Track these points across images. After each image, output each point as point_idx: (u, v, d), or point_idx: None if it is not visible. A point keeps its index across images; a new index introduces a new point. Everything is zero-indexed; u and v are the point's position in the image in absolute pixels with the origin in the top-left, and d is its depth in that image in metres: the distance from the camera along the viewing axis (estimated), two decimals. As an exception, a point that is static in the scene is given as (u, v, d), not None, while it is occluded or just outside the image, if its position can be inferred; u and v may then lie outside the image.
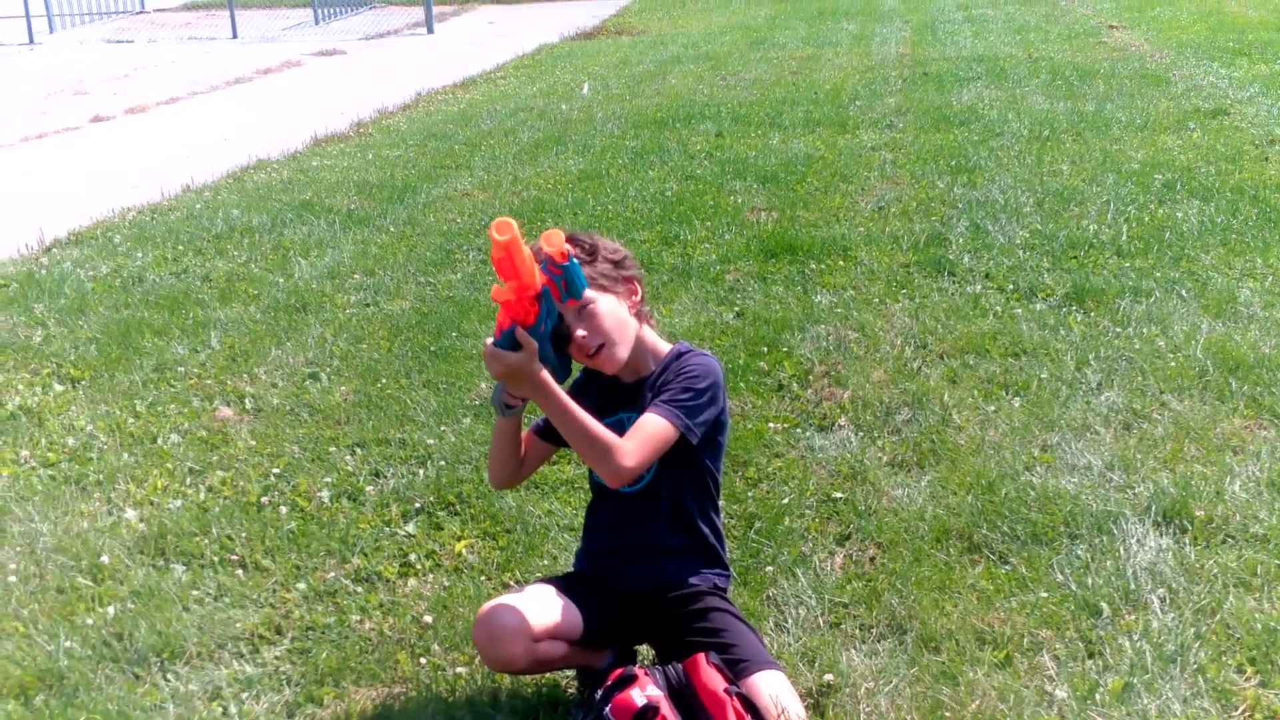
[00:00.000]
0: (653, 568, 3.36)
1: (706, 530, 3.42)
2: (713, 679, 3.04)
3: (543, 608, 3.20)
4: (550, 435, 3.36)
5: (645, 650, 3.51)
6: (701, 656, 3.10)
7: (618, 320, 3.27)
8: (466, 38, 20.83)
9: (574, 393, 3.25)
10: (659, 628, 3.34)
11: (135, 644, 3.63)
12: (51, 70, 17.94)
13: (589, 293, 3.19)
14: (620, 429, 3.17)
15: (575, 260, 3.08)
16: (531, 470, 3.56)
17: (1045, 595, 3.67)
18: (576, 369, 3.34)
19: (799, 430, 4.90)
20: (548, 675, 3.41)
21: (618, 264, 3.36)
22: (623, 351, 3.28)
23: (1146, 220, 7.45)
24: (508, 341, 3.00)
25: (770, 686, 3.06)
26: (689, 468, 3.35)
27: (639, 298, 3.37)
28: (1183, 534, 3.98)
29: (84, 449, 5.01)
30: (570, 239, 3.18)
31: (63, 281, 7.24)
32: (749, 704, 3.03)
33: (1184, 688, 3.23)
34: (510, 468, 3.43)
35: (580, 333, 3.21)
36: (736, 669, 3.10)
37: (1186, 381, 5.11)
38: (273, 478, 4.69)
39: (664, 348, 3.41)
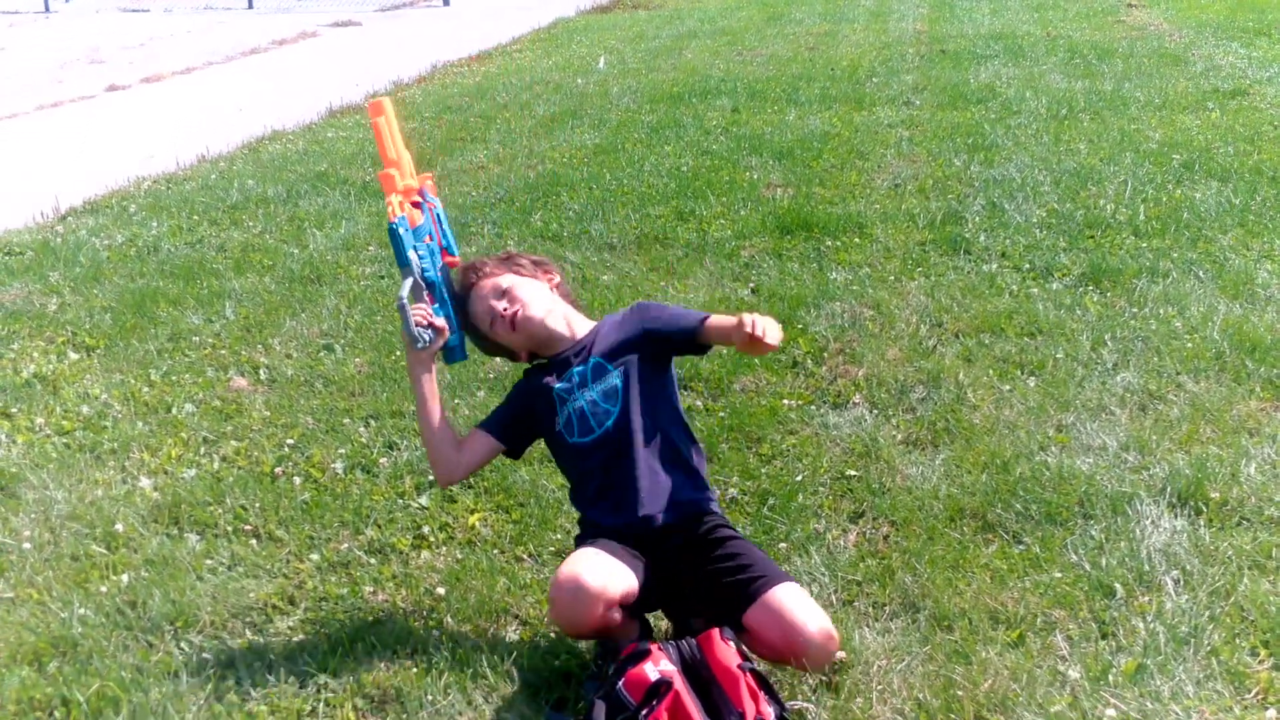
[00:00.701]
0: (674, 499, 3.49)
1: (694, 456, 3.63)
2: (726, 654, 3.05)
3: (618, 573, 3.28)
4: (506, 439, 3.70)
5: (658, 623, 3.51)
6: (715, 631, 3.11)
7: (536, 292, 3.69)
8: (482, 10, 20.77)
9: (519, 386, 3.73)
10: (686, 564, 3.41)
11: (149, 612, 3.64)
12: (67, 39, 17.93)
13: (503, 280, 3.68)
14: (598, 375, 3.56)
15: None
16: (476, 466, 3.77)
17: (1059, 575, 3.66)
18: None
19: (813, 407, 4.89)
20: (561, 649, 3.41)
21: (534, 262, 3.82)
22: (539, 309, 3.64)
23: (1164, 200, 7.42)
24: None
25: (790, 597, 3.22)
26: (658, 396, 3.59)
27: (556, 281, 3.80)
28: (1198, 516, 3.96)
29: (99, 417, 5.02)
30: (476, 263, 3.80)
31: (78, 250, 7.24)
32: (762, 679, 3.04)
33: (1197, 670, 3.22)
34: (446, 449, 3.65)
35: (500, 305, 3.61)
36: (756, 584, 3.25)
37: (1203, 363, 5.09)
38: (287, 448, 4.70)
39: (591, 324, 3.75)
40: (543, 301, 3.67)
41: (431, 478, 4.40)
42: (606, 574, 3.23)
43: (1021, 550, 3.82)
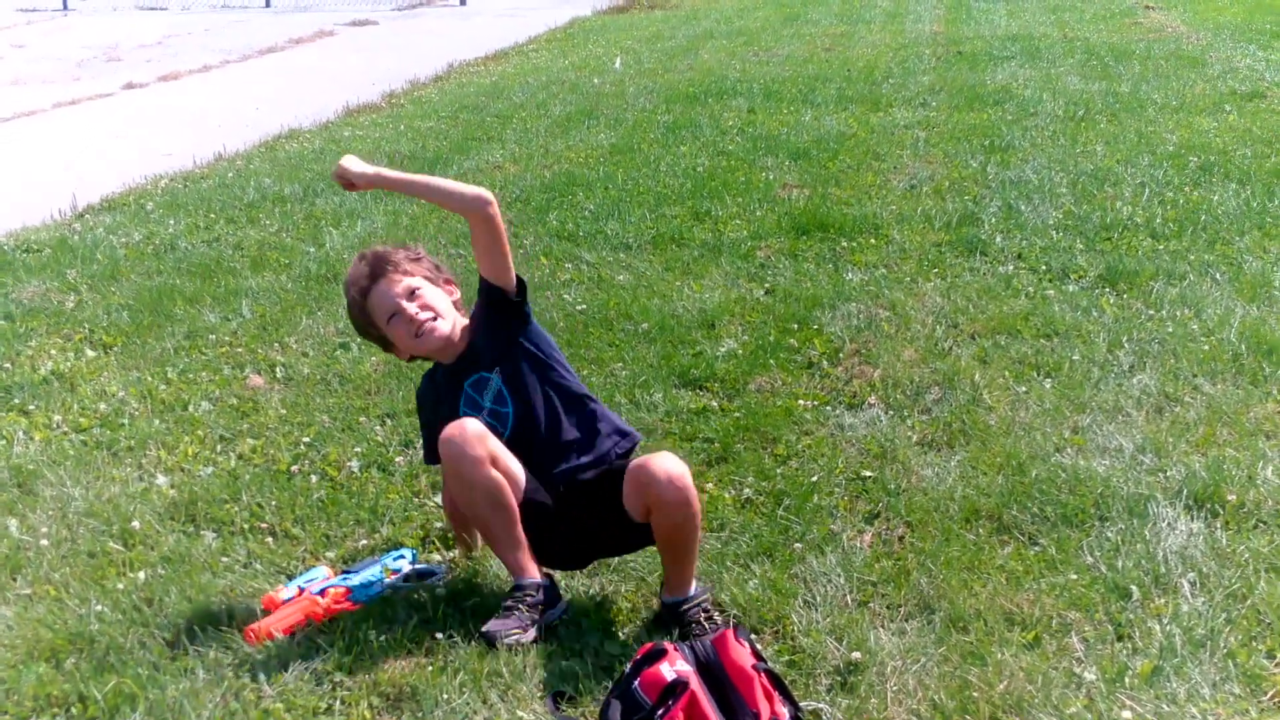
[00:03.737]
0: (578, 476, 3.67)
1: (589, 418, 3.75)
2: (741, 654, 3.05)
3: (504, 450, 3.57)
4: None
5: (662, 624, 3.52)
6: (729, 632, 3.12)
7: (443, 304, 3.76)
8: (498, 10, 20.80)
9: (422, 398, 3.94)
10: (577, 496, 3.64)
11: (166, 609, 3.65)
12: (85, 37, 17.98)
13: (414, 280, 3.74)
14: (481, 386, 3.71)
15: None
16: None
17: (1075, 577, 3.65)
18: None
19: (829, 408, 4.89)
20: (573, 648, 3.42)
21: (437, 267, 3.91)
22: (446, 326, 3.72)
23: (1181, 203, 7.41)
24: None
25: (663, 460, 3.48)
26: (539, 381, 3.72)
27: (456, 297, 3.86)
28: (1214, 518, 3.96)
29: (115, 415, 5.03)
30: (385, 253, 3.86)
31: (95, 248, 7.26)
32: (776, 679, 3.04)
33: (1213, 672, 3.22)
34: None
35: (420, 316, 3.68)
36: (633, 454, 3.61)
37: (1220, 365, 5.08)
38: (303, 446, 4.71)
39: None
40: (449, 316, 3.77)
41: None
42: (490, 433, 3.54)
43: (1037, 552, 3.81)
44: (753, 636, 3.32)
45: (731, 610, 3.58)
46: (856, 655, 3.31)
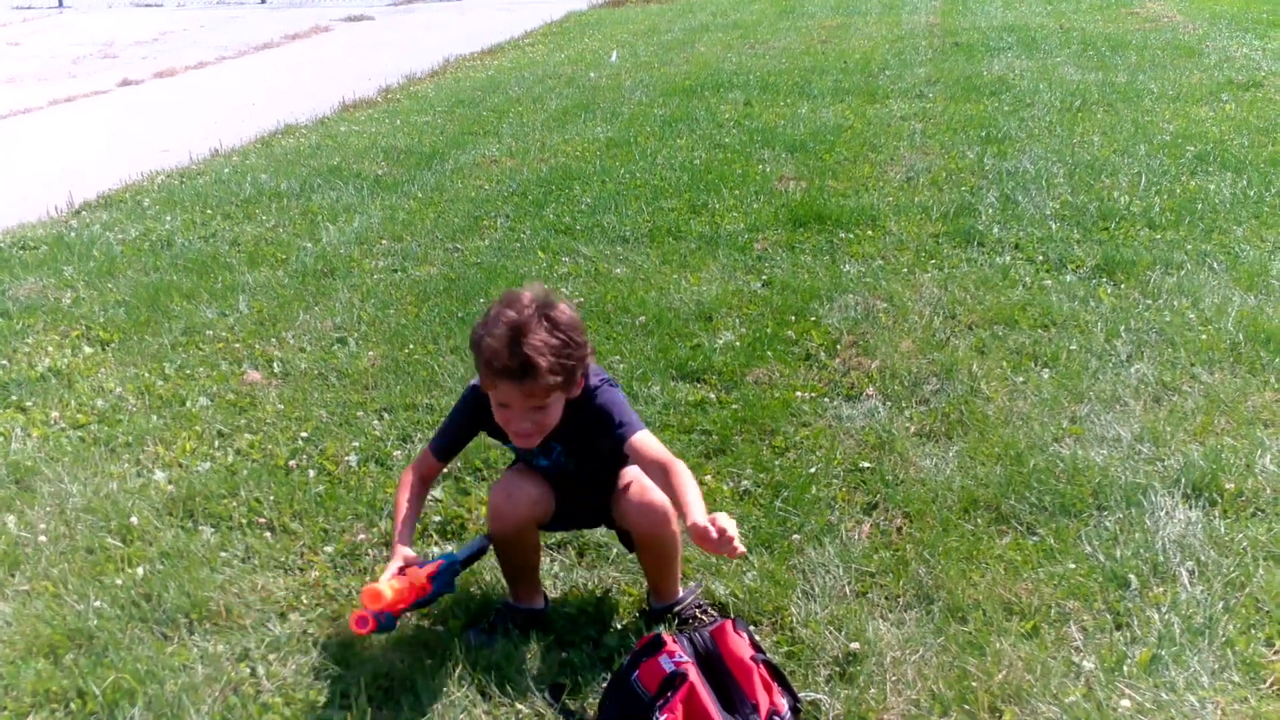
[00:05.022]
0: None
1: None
2: (739, 645, 3.05)
3: (544, 490, 3.48)
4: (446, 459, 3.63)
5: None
6: (728, 623, 3.12)
7: (556, 417, 3.30)
8: (494, 4, 20.78)
9: (476, 414, 3.44)
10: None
11: (164, 605, 3.65)
12: (80, 33, 17.97)
13: (548, 399, 3.21)
14: (549, 453, 3.46)
15: (442, 568, 3.35)
16: None
17: (1073, 566, 3.65)
18: None
19: (826, 399, 4.89)
20: (571, 639, 3.42)
21: (581, 361, 3.26)
22: (541, 437, 3.33)
23: (1178, 192, 7.40)
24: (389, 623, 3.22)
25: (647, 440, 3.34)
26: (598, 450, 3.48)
27: (575, 394, 3.32)
28: (1212, 507, 3.96)
29: (113, 411, 5.03)
30: (559, 324, 3.18)
31: (92, 244, 7.26)
32: (775, 670, 3.04)
33: (1212, 660, 3.22)
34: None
35: (525, 428, 3.27)
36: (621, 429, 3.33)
37: (1217, 354, 5.08)
38: (300, 441, 4.71)
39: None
40: (556, 415, 3.32)
41: (446, 470, 4.40)
42: (538, 485, 3.46)
43: (1035, 541, 3.81)
44: (751, 628, 3.32)
45: (729, 603, 3.58)
46: (855, 646, 3.32)
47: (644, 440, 3.31)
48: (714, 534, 2.89)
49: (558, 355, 3.14)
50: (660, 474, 3.22)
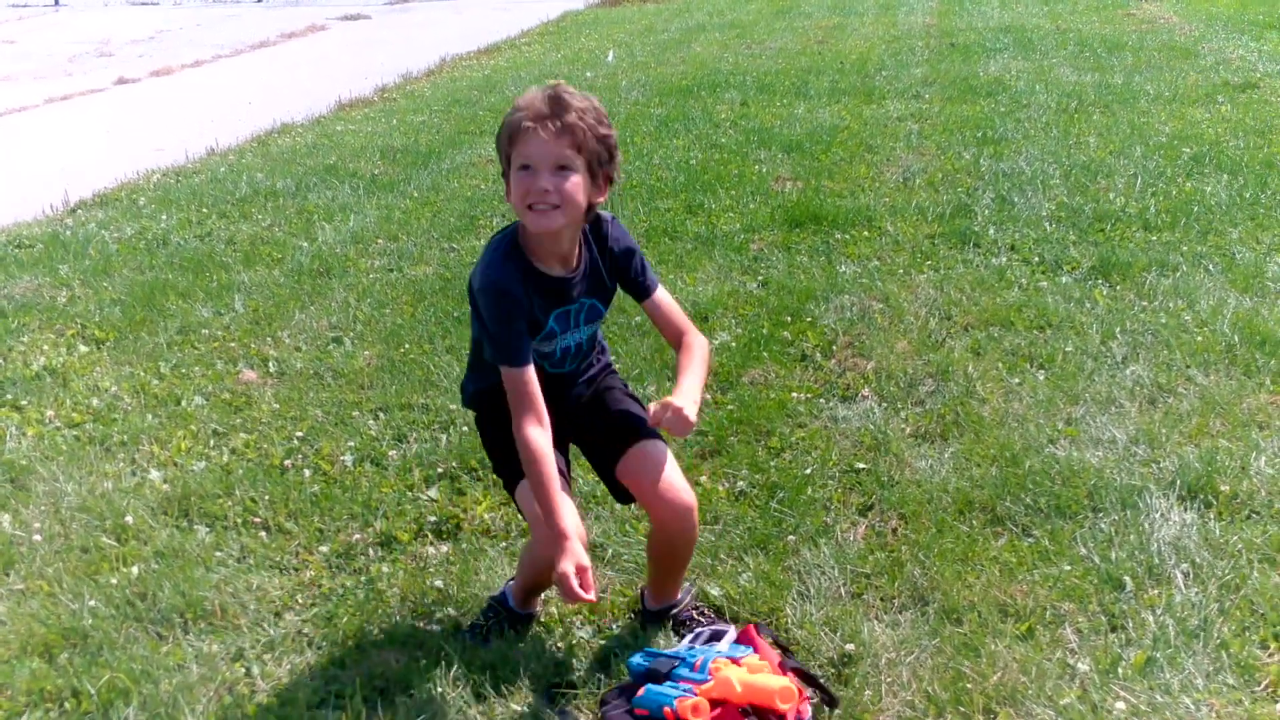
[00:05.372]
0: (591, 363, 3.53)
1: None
2: (767, 650, 3.07)
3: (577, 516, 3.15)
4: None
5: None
6: (751, 628, 3.14)
7: (578, 197, 3.11)
8: (491, 3, 20.77)
9: (510, 294, 3.16)
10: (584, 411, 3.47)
11: (159, 604, 3.65)
12: (76, 32, 17.95)
13: (573, 157, 3.08)
14: (565, 318, 3.27)
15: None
16: None
17: (1068, 568, 3.66)
18: None
19: (822, 400, 4.89)
20: (567, 640, 3.43)
21: (612, 153, 3.17)
22: (560, 221, 3.12)
23: (1174, 194, 7.41)
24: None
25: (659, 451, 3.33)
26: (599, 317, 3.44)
27: (603, 199, 3.23)
28: (1207, 509, 3.96)
29: (108, 410, 5.02)
30: (568, 102, 3.09)
31: (87, 243, 7.25)
32: (806, 675, 3.06)
33: (1206, 663, 3.22)
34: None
35: (545, 185, 3.07)
36: (642, 427, 3.34)
37: (1213, 356, 5.08)
38: (296, 441, 4.70)
39: (592, 242, 3.34)
40: (572, 217, 3.15)
41: (440, 469, 4.41)
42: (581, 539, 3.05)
43: (1031, 543, 3.81)
44: (776, 633, 3.34)
45: (723, 604, 3.58)
46: (850, 647, 3.32)
47: (666, 299, 3.45)
48: (673, 418, 3.08)
49: (594, 116, 3.10)
50: (675, 338, 3.43)
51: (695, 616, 3.48)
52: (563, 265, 3.25)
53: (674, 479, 3.29)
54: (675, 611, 3.50)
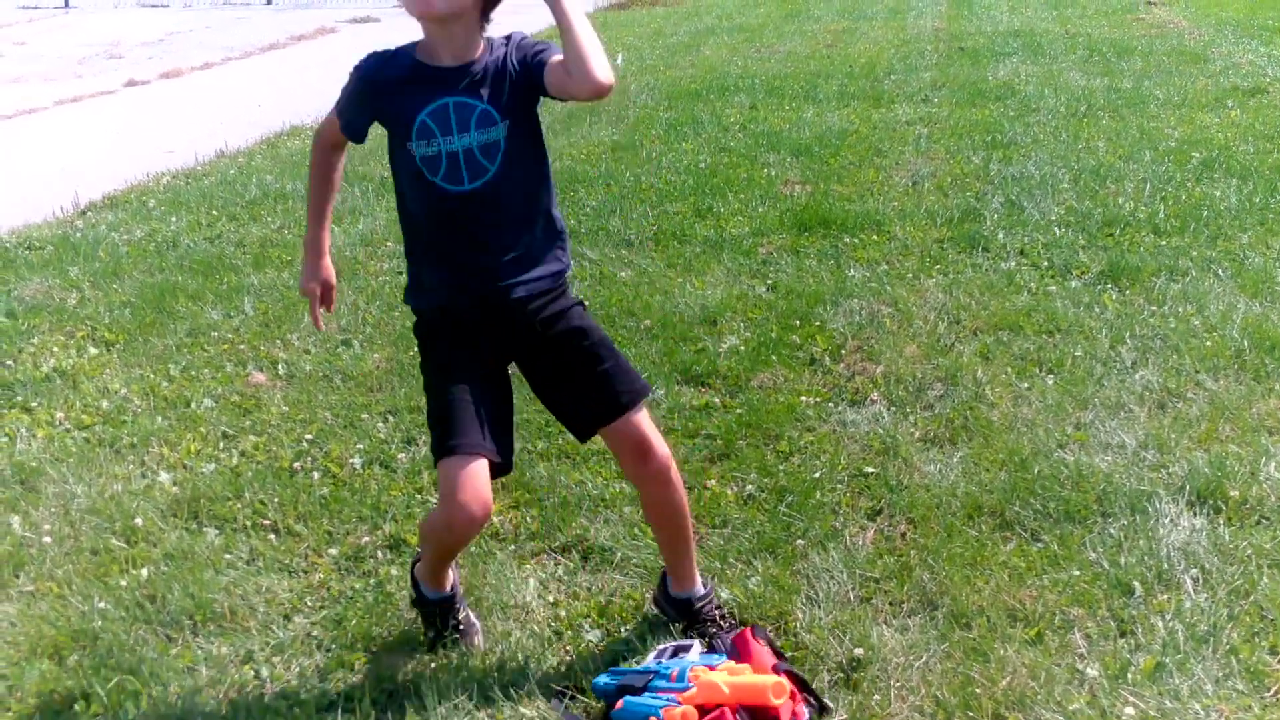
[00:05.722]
0: (536, 273, 3.22)
1: (556, 217, 3.28)
2: (761, 654, 3.07)
3: (486, 476, 3.11)
4: (358, 135, 3.39)
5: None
6: (748, 631, 3.13)
7: None
8: (501, 6, 20.75)
9: (370, 86, 3.23)
10: (530, 348, 3.30)
11: (168, 606, 3.65)
12: (86, 34, 17.97)
13: None
14: (444, 115, 3.08)
15: None
16: None
17: (1077, 573, 3.65)
18: None
19: (831, 404, 4.89)
20: (573, 642, 3.43)
21: None
22: (442, 5, 3.08)
23: (1183, 198, 7.40)
24: None
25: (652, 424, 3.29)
26: (530, 151, 3.20)
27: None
28: (1217, 514, 3.95)
29: (118, 412, 5.03)
30: None
31: (97, 245, 7.26)
32: (799, 678, 3.05)
33: (1216, 668, 3.22)
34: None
35: None
36: (622, 400, 3.24)
37: (1222, 361, 5.08)
38: (305, 443, 4.71)
39: (494, 46, 3.24)
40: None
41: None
42: (485, 480, 3.08)
43: (1040, 548, 3.81)
44: (769, 634, 3.33)
45: (732, 607, 3.58)
46: (859, 652, 3.31)
47: (556, 57, 3.13)
48: None
49: None
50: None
51: (717, 620, 3.45)
52: (454, 59, 3.14)
53: (653, 451, 3.27)
54: (700, 606, 3.46)
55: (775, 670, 3.03)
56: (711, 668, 3.05)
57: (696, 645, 3.28)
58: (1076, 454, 4.37)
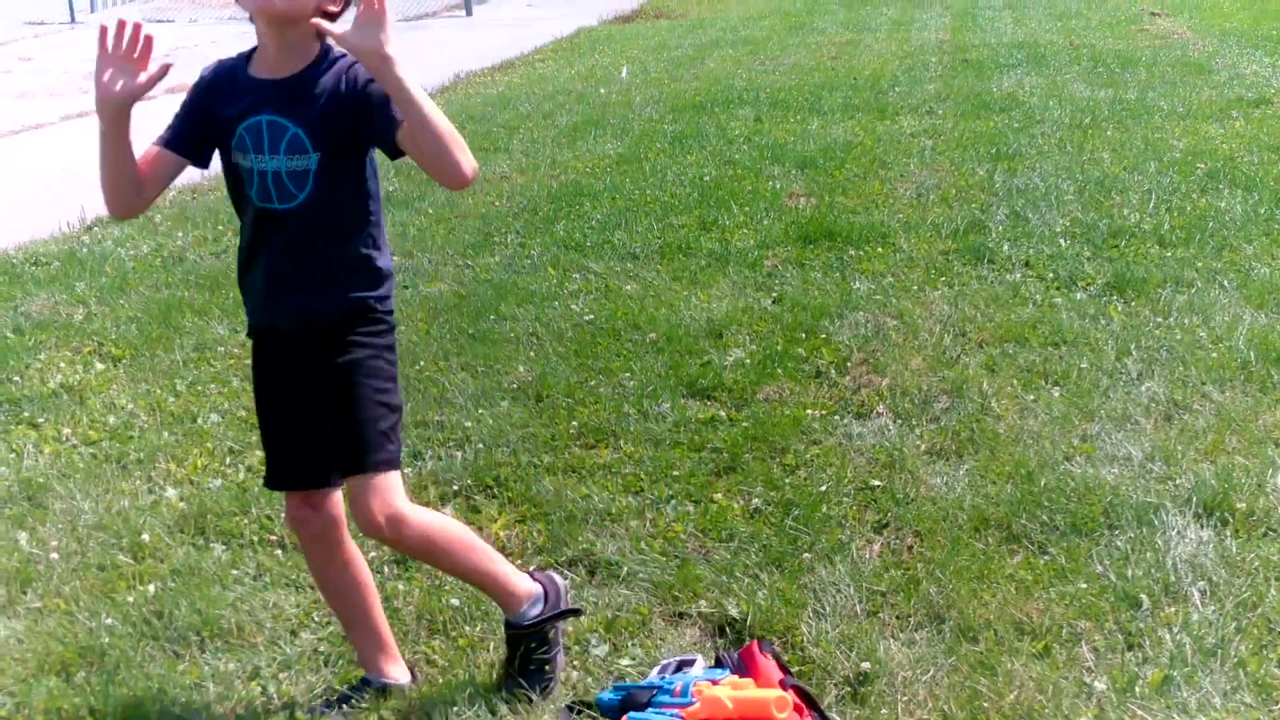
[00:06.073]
0: (309, 296, 3.07)
1: (369, 256, 3.11)
2: (768, 668, 3.07)
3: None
4: (183, 148, 3.18)
5: (698, 641, 3.51)
6: (755, 644, 3.13)
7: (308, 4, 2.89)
8: (505, 20, 20.82)
9: (200, 91, 3.15)
10: (298, 379, 3.13)
11: (175, 622, 3.66)
12: (92, 49, 17.98)
13: None
14: (258, 133, 2.97)
15: None
16: (156, 194, 3.31)
17: (1084, 586, 3.65)
18: None
19: (837, 417, 4.89)
20: (579, 659, 3.43)
21: None
22: (279, 4, 2.88)
23: (1189, 209, 7.40)
24: None
25: (382, 492, 3.07)
26: (348, 187, 3.04)
27: (337, 10, 2.99)
28: (1224, 526, 3.95)
29: (125, 427, 5.04)
30: None
31: (104, 260, 7.28)
32: (805, 694, 3.05)
33: (1224, 681, 3.22)
34: (128, 184, 3.23)
35: None
36: (350, 464, 3.07)
37: (1228, 373, 5.08)
38: (312, 458, 4.70)
39: (326, 63, 3.01)
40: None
41: (455, 487, 4.42)
42: (300, 503, 3.21)
43: (1047, 561, 3.81)
44: (777, 648, 3.33)
45: (740, 621, 3.57)
46: (866, 665, 3.31)
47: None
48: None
49: None
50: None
51: (542, 667, 3.32)
52: (280, 71, 2.98)
53: (371, 516, 3.07)
54: (515, 633, 3.33)
55: (782, 685, 3.03)
56: (715, 682, 3.05)
57: (700, 660, 3.28)
58: (1083, 466, 4.37)
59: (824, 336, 5.65)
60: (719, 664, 3.20)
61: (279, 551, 4.06)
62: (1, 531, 4.24)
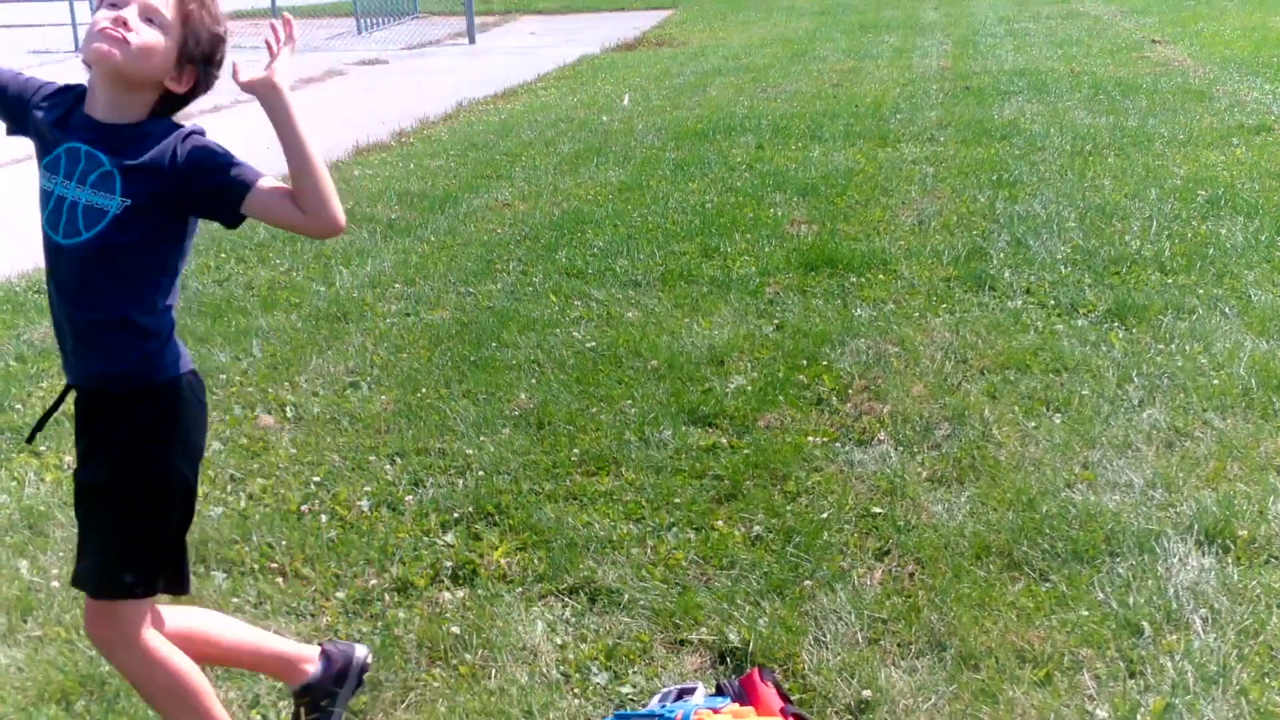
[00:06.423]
0: (98, 350, 2.90)
1: (145, 325, 2.92)
2: (768, 696, 3.06)
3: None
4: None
5: (699, 669, 3.51)
6: (755, 672, 3.12)
7: (152, 54, 2.74)
8: (508, 48, 20.90)
9: (52, 92, 2.96)
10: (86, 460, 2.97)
11: (176, 650, 3.65)
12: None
13: (169, 27, 2.76)
14: (75, 157, 2.78)
15: None
16: None
17: (1086, 613, 3.65)
18: None
19: (838, 444, 4.89)
20: (582, 686, 3.43)
21: (212, 54, 2.94)
22: (117, 60, 2.69)
23: (1189, 236, 7.41)
24: None
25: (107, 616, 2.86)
26: (147, 248, 2.84)
27: (181, 90, 2.88)
28: (1225, 554, 3.95)
29: (126, 455, 5.03)
30: None
31: (106, 288, 7.27)
32: (805, 720, 3.06)
33: (1226, 709, 3.21)
34: None
35: (119, 21, 2.69)
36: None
37: (1230, 400, 5.07)
38: (313, 486, 4.71)
39: (165, 122, 2.86)
40: (149, 58, 2.75)
41: (457, 514, 4.41)
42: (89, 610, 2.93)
43: (1048, 588, 3.81)
44: (778, 676, 3.32)
45: (740, 648, 3.57)
46: (868, 694, 3.31)
47: (272, 183, 2.87)
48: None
49: (214, 8, 2.86)
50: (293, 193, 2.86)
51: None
52: (101, 116, 2.80)
53: (91, 628, 2.93)
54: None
55: (783, 713, 3.03)
56: (716, 710, 3.05)
57: (701, 688, 3.27)
58: (1084, 493, 4.37)
59: (825, 363, 5.65)
60: (720, 692, 3.20)
61: (279, 579, 4.06)
62: (3, 559, 4.23)
